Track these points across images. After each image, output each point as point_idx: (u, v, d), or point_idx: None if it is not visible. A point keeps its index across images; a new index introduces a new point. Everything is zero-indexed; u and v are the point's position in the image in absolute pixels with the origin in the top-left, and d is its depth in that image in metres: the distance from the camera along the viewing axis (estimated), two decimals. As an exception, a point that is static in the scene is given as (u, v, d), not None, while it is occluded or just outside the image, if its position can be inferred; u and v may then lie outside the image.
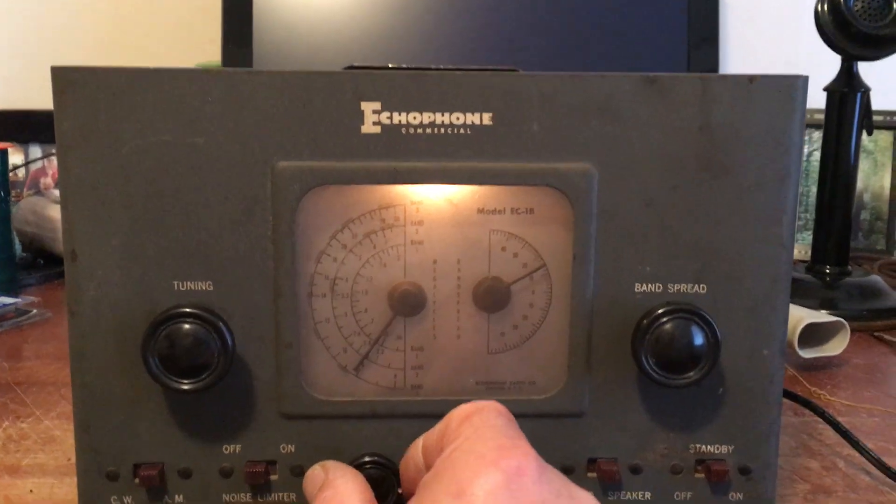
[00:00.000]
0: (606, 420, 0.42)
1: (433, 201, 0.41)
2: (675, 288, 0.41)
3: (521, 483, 0.29)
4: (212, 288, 0.40)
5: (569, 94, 0.39)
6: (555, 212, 0.41)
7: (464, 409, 0.34)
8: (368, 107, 0.39)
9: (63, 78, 0.38)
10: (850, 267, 0.92)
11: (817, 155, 0.99)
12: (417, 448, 0.37)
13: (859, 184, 1.12)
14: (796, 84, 0.39)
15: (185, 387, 0.38)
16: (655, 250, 0.40)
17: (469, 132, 0.39)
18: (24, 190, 1.18)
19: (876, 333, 0.84)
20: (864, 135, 0.90)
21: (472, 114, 0.39)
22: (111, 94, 0.38)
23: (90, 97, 0.38)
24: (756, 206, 0.40)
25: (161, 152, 0.38)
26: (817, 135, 1.09)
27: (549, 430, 0.42)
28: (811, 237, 0.94)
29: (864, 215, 1.16)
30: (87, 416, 0.40)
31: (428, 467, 0.35)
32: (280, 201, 0.39)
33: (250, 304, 0.40)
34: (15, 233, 0.99)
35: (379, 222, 0.41)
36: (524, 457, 0.30)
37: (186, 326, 0.38)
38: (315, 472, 0.38)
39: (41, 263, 1.02)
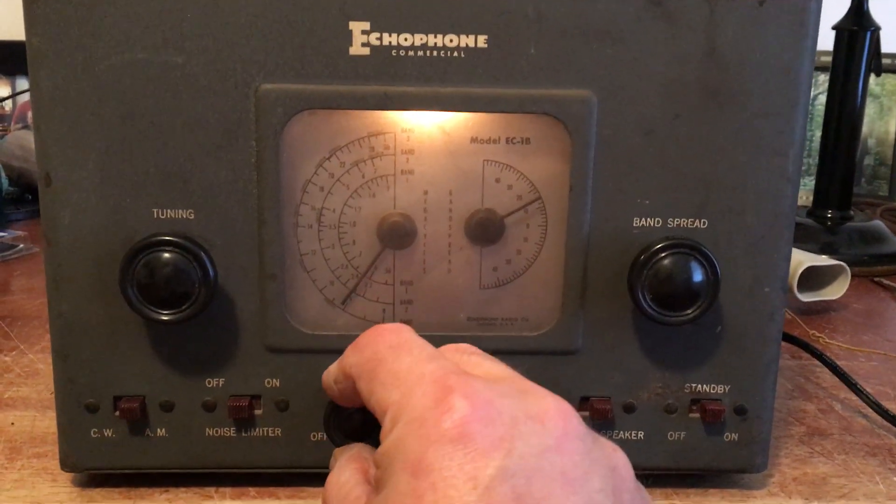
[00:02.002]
0: (600, 358, 0.41)
1: (425, 129, 0.39)
2: (675, 222, 0.39)
3: (471, 434, 0.26)
4: (193, 216, 0.38)
5: (568, 15, 0.37)
6: (551, 142, 0.39)
7: (359, 366, 0.32)
8: (357, 27, 0.37)
9: (33, -10, 0.36)
10: (852, 212, 0.90)
11: (822, 98, 0.97)
12: (333, 390, 0.35)
13: (864, 128, 1.09)
14: (808, 7, 0.37)
15: (165, 317, 0.37)
16: (655, 183, 0.39)
17: (463, 55, 0.37)
18: (12, 123, 1.15)
19: (876, 278, 0.83)
20: (873, 78, 0.88)
21: (466, 36, 0.37)
22: (84, 7, 0.36)
23: (62, 10, 0.36)
24: (762, 136, 0.38)
25: (137, 71, 0.36)
26: (823, 77, 1.06)
27: (541, 367, 0.40)
28: (813, 181, 0.93)
29: (868, 160, 1.14)
30: (65, 346, 0.39)
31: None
32: (263, 126, 0.37)
33: (233, 233, 0.39)
34: (2, 167, 0.97)
35: (368, 150, 0.40)
36: (463, 400, 0.27)
37: (166, 255, 0.37)
38: (331, 462, 0.36)
39: (29, 198, 1.00)
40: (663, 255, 0.38)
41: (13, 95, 1.12)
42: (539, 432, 0.27)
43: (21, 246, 0.83)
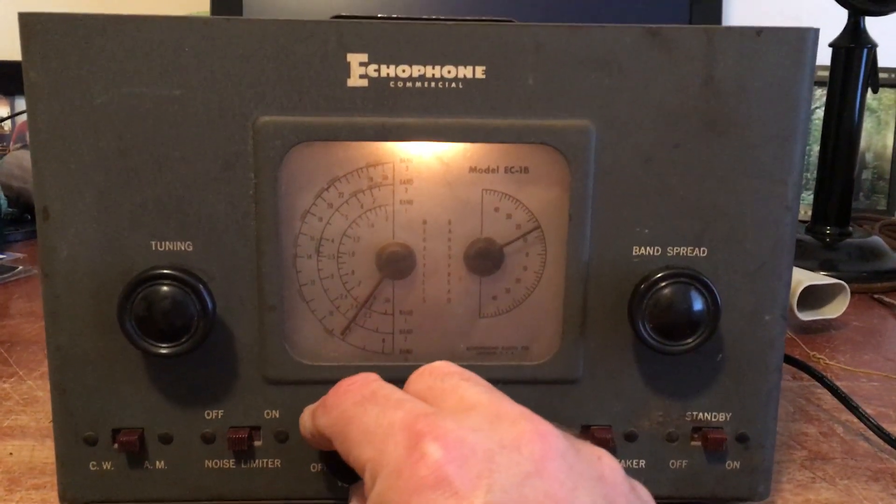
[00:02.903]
0: (601, 387, 0.41)
1: (423, 159, 0.39)
2: (675, 251, 0.39)
3: (448, 477, 0.26)
4: (191, 248, 0.38)
5: (566, 46, 0.37)
6: (550, 171, 0.39)
7: (330, 427, 0.33)
8: (355, 59, 0.37)
9: (31, 24, 0.36)
10: (850, 228, 0.90)
11: (820, 113, 0.97)
12: (311, 443, 0.37)
13: (862, 143, 1.10)
14: (806, 37, 0.37)
15: (164, 351, 0.37)
16: (655, 211, 0.39)
17: (461, 86, 0.37)
18: (11, 143, 1.15)
19: (876, 295, 0.83)
20: (869, 92, 0.88)
21: (465, 67, 0.37)
22: (82, 42, 0.36)
23: (59, 45, 0.36)
24: (761, 165, 0.38)
25: (135, 104, 0.36)
26: (820, 92, 1.07)
27: (542, 396, 0.40)
28: (812, 197, 0.93)
29: (866, 175, 1.14)
30: (63, 379, 0.39)
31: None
32: (262, 158, 0.37)
33: (232, 265, 0.38)
34: (1, 187, 0.97)
35: (366, 181, 0.39)
36: (434, 443, 0.27)
37: (164, 288, 0.37)
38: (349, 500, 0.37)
39: (28, 218, 1.00)
40: (663, 284, 0.38)
41: (12, 116, 1.12)
42: (517, 460, 0.27)
43: (20, 268, 0.83)
